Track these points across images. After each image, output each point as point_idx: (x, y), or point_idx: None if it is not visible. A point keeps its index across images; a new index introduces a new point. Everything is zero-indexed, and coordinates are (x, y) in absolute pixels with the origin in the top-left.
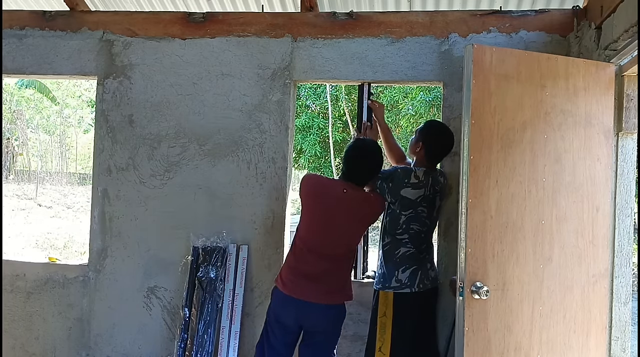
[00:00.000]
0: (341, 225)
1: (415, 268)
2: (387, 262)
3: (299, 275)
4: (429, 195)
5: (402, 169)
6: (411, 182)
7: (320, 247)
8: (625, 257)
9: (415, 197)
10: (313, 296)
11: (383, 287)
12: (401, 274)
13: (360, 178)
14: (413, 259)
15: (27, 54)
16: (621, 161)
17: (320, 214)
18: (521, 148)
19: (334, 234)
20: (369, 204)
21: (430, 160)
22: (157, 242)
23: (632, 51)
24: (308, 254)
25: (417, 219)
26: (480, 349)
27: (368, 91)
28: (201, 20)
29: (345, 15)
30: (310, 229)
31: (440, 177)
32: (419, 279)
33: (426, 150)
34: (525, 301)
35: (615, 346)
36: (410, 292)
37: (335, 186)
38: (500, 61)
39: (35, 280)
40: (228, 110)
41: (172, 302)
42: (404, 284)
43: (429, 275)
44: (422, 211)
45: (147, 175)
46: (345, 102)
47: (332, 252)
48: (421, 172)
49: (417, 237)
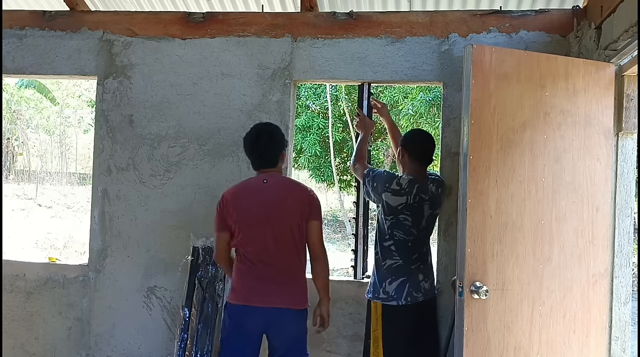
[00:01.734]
0: (276, 217)
1: (403, 280)
2: (377, 270)
3: (257, 284)
4: (412, 203)
5: (387, 173)
6: (392, 188)
7: (267, 252)
8: (625, 257)
9: (396, 204)
10: (277, 302)
11: (373, 296)
12: (388, 285)
13: (268, 158)
14: (400, 271)
15: (27, 54)
16: (621, 161)
17: (253, 220)
18: (521, 148)
19: (275, 230)
20: (297, 186)
21: (415, 164)
22: (157, 242)
23: (632, 51)
24: (259, 263)
25: (400, 227)
26: (479, 348)
27: (368, 91)
28: (201, 20)
29: (345, 15)
30: (249, 239)
31: (431, 186)
32: (407, 292)
33: (409, 155)
34: (525, 300)
35: (615, 346)
36: (397, 305)
37: (250, 184)
38: (500, 61)
39: (35, 280)
40: (228, 110)
41: (172, 302)
42: (390, 296)
43: (420, 287)
44: (404, 218)
45: (147, 175)
46: (345, 102)
47: (283, 251)
48: (405, 181)
49: (404, 245)
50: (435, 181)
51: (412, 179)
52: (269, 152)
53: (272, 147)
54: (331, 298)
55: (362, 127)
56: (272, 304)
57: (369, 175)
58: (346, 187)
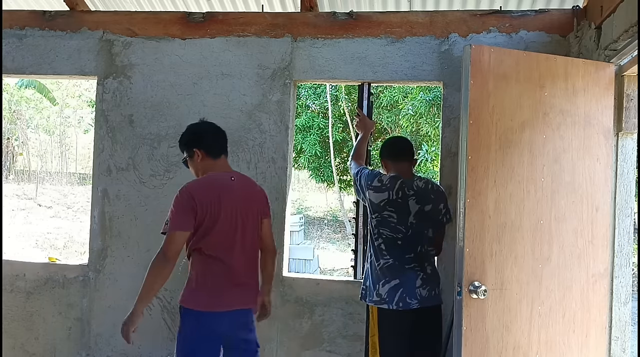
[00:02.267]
0: (244, 216)
1: (396, 284)
2: (371, 273)
3: (228, 286)
4: (395, 199)
5: (372, 171)
6: (373, 185)
7: (235, 252)
8: (625, 257)
9: (378, 201)
10: (247, 302)
11: (369, 300)
12: (381, 287)
13: (220, 148)
14: (393, 271)
15: (27, 54)
16: (621, 161)
17: (226, 219)
18: (520, 148)
19: (244, 229)
20: (255, 184)
21: (394, 163)
22: (157, 242)
23: (632, 51)
24: (228, 264)
25: (385, 224)
26: (478, 348)
27: (368, 91)
28: (201, 20)
29: (345, 15)
30: (220, 239)
31: (417, 181)
32: (399, 297)
33: (384, 157)
34: (524, 300)
35: (615, 346)
36: (389, 309)
37: (217, 181)
38: (499, 61)
39: (35, 280)
40: (228, 110)
41: (172, 302)
42: (383, 299)
43: (415, 293)
44: (388, 215)
45: (147, 175)
46: (345, 102)
47: (248, 251)
48: (387, 177)
49: (393, 243)
50: (424, 179)
51: (395, 175)
52: (219, 143)
53: (222, 139)
54: (332, 298)
55: (362, 127)
56: (244, 305)
57: (357, 175)
58: (346, 187)
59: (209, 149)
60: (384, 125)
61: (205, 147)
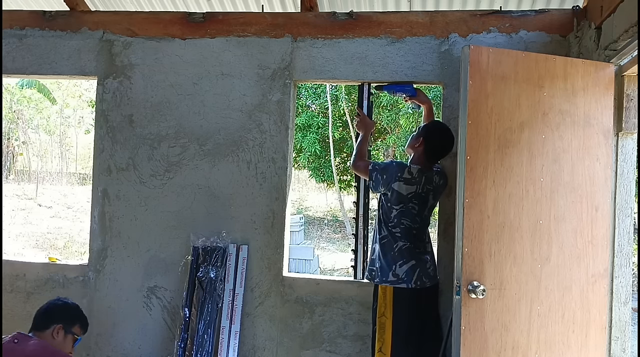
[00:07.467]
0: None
1: (413, 264)
2: (385, 255)
3: None
4: (420, 193)
5: (397, 163)
6: (404, 177)
7: None
8: (625, 257)
9: (407, 193)
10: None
11: (380, 280)
12: (398, 268)
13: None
14: (410, 253)
15: (27, 54)
16: (621, 161)
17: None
18: (519, 148)
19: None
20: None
21: (428, 158)
22: (157, 242)
23: (632, 51)
24: None
25: (407, 215)
26: (477, 348)
27: (368, 91)
28: (201, 20)
29: (345, 15)
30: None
31: (435, 176)
32: (417, 276)
33: (425, 146)
34: (523, 300)
35: (615, 346)
36: (407, 287)
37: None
38: (497, 62)
39: (35, 280)
40: (228, 110)
41: (172, 302)
42: (401, 279)
43: (427, 272)
44: (412, 207)
45: (147, 175)
46: (345, 102)
47: None
48: (415, 169)
49: (409, 232)
50: (439, 172)
51: (421, 168)
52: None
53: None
54: (332, 298)
55: (362, 127)
56: None
57: (376, 169)
58: (346, 187)
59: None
60: (384, 125)
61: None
